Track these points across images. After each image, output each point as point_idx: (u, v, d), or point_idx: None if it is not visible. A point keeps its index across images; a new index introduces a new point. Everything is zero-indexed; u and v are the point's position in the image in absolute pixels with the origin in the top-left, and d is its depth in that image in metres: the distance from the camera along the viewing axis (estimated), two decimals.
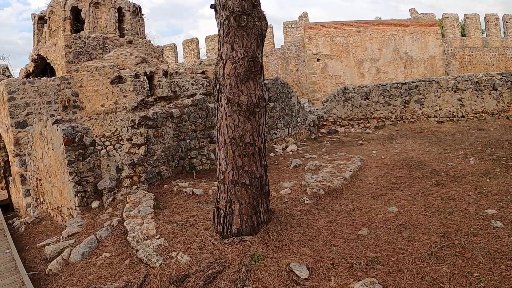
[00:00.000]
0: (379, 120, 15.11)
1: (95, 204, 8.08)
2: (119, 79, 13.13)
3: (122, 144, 13.00)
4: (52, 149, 8.49)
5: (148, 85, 13.77)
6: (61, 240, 7.02)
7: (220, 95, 4.90)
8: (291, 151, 12.10)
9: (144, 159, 8.34)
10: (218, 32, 4.92)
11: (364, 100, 15.22)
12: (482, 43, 24.19)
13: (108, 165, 11.31)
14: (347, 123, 15.27)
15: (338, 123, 15.24)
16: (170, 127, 9.04)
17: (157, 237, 5.56)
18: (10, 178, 13.04)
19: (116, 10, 14.75)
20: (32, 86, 12.40)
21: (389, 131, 14.19)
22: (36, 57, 14.81)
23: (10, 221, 11.53)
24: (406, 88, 15.06)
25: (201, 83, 15.68)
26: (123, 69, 13.40)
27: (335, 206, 6.09)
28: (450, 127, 14.50)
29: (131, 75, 13.08)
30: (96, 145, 8.93)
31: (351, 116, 15.26)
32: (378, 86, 15.19)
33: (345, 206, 6.08)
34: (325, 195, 6.65)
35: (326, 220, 5.39)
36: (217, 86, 4.93)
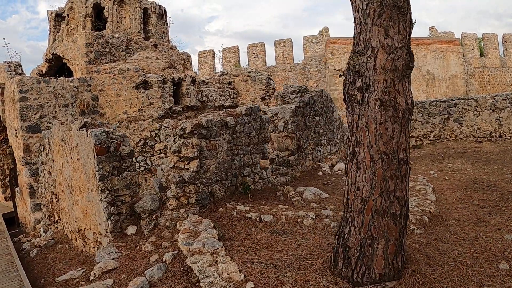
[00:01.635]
0: (417, 139, 13.59)
1: (131, 230, 6.17)
2: (145, 84, 11.26)
3: (146, 157, 11.02)
4: (77, 159, 6.52)
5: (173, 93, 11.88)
6: (92, 277, 5.10)
7: (366, 95, 3.45)
8: (339, 169, 10.40)
9: (196, 176, 6.43)
10: (361, 14, 3.53)
11: None
12: (500, 63, 23.03)
13: None
14: None
15: None
16: (224, 139, 7.19)
17: (251, 286, 3.68)
18: (17, 188, 10.90)
19: (142, 11, 12.94)
20: (47, 86, 10.43)
21: (430, 150, 12.72)
22: (50, 56, 12.84)
23: (16, 238, 9.41)
24: (445, 106, 13.61)
25: (228, 94, 13.89)
26: (149, 73, 11.51)
27: (448, 235, 5.08)
28: (491, 147, 13.36)
29: (158, 80, 11.22)
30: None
31: None
32: (417, 104, 13.70)
33: (457, 235, 5.11)
34: (429, 222, 5.56)
35: (454, 253, 4.40)
36: (360, 83, 3.50)
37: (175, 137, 6.86)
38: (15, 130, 10.58)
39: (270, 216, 5.79)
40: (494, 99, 13.61)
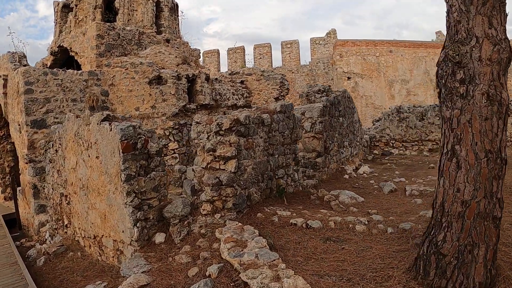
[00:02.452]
0: (434, 143, 12.88)
1: (159, 238, 5.28)
2: (158, 80, 10.31)
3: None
4: (96, 157, 5.57)
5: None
6: None
7: (471, 88, 3.10)
8: (363, 172, 9.64)
9: (234, 178, 5.55)
10: (461, 1, 3.17)
11: (420, 121, 12.99)
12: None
13: None
14: (401, 145, 12.95)
15: (391, 144, 12.90)
16: (261, 137, 6.34)
17: None
18: (18, 188, 9.81)
19: (154, 4, 11.97)
20: (55, 79, 9.42)
21: None
22: (56, 49, 11.80)
23: (18, 242, 8.37)
24: None
25: (241, 93, 13.01)
26: (162, 68, 10.56)
27: None
28: (509, 152, 12.39)
29: (173, 76, 10.28)
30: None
31: (405, 138, 12.99)
32: (434, 107, 13.06)
33: None
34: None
35: None
36: (461, 74, 3.17)
37: (209, 134, 5.96)
38: (19, 125, 9.53)
39: (317, 222, 5.05)
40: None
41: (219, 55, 22.94)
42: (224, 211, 5.51)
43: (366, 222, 5.05)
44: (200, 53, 13.24)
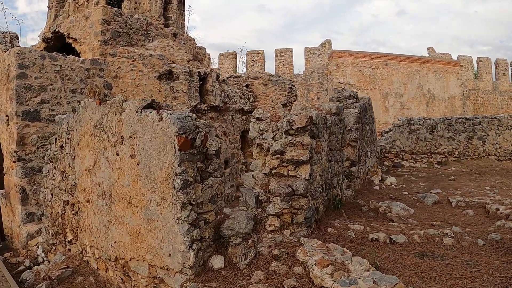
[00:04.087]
0: (442, 156, 12.25)
1: (217, 262, 3.85)
2: (169, 75, 8.78)
3: None
4: (131, 156, 4.02)
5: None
6: None
7: None
8: (391, 183, 8.67)
9: (308, 187, 4.19)
10: None
11: (429, 133, 12.30)
12: (492, 86, 22.68)
13: None
14: (410, 157, 12.15)
15: (401, 156, 12.00)
16: (326, 140, 5.01)
17: None
18: (1, 191, 7.80)
19: None
20: (53, 64, 7.64)
21: (460, 167, 11.40)
22: (50, 35, 9.90)
23: (1, 257, 6.51)
24: (470, 124, 12.46)
25: (247, 97, 11.67)
26: (173, 63, 9.01)
27: None
28: None
29: (185, 72, 8.78)
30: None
31: (415, 150, 12.21)
32: (444, 120, 12.46)
33: None
34: None
35: None
36: None
37: (275, 133, 4.59)
38: (6, 116, 7.60)
39: (402, 237, 4.44)
40: None
41: (210, 59, 21.37)
42: (294, 227, 4.26)
43: (453, 235, 4.61)
44: (205, 51, 11.76)
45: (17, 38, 8.43)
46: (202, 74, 9.34)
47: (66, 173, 5.41)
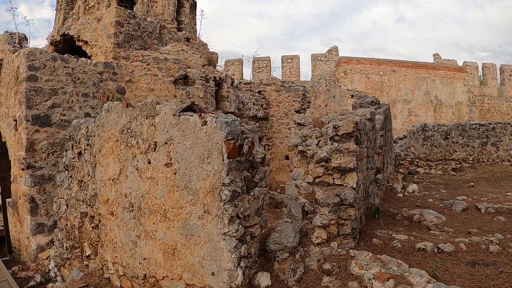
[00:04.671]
0: (457, 162, 11.96)
1: (264, 280, 3.53)
2: (184, 80, 8.37)
3: None
4: (166, 164, 3.56)
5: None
6: None
7: None
8: (413, 191, 8.38)
9: (356, 196, 3.83)
10: None
11: (444, 139, 11.99)
12: (498, 92, 22.45)
13: None
14: (425, 164, 11.78)
15: (416, 163, 11.62)
16: (367, 147, 4.63)
17: None
18: (8, 200, 7.26)
19: None
20: (65, 66, 7.19)
21: (475, 173, 11.08)
22: (59, 38, 9.46)
23: (9, 271, 5.99)
24: (483, 130, 12.18)
25: (260, 103, 11.28)
26: (188, 68, 8.59)
27: None
28: None
29: (201, 77, 8.38)
30: None
31: (430, 156, 11.86)
32: (458, 126, 12.17)
33: None
34: None
35: None
36: None
37: (319, 140, 4.18)
38: (15, 120, 7.11)
39: (449, 246, 4.26)
40: None
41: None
42: (340, 238, 3.93)
43: (498, 242, 4.46)
44: (218, 56, 11.37)
45: (26, 39, 7.96)
46: (217, 79, 8.93)
47: (84, 182, 4.92)
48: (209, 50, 11.04)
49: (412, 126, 12.54)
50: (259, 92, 11.77)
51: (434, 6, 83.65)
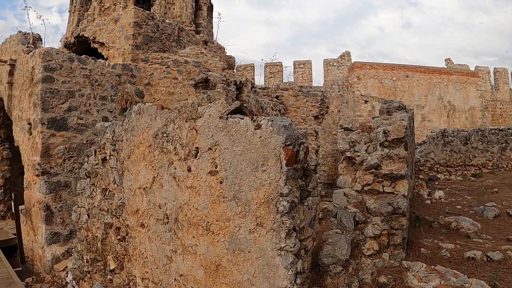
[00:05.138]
0: (476, 168, 11.71)
1: None
2: (205, 83, 8.02)
3: None
4: (210, 172, 3.18)
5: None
6: None
7: None
8: (440, 197, 8.22)
9: (407, 204, 3.56)
10: None
11: (463, 145, 11.72)
12: (510, 97, 22.07)
13: None
14: (445, 170, 11.47)
15: (436, 169, 11.29)
16: (410, 153, 4.30)
17: None
18: (21, 207, 6.87)
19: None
20: (82, 68, 6.87)
21: (495, 179, 10.86)
22: (73, 40, 9.15)
23: (23, 283, 5.56)
24: (502, 135, 11.86)
25: (278, 108, 10.94)
26: (209, 71, 8.25)
27: None
28: None
29: (222, 80, 8.03)
30: None
31: (450, 162, 11.56)
32: (477, 131, 11.92)
33: None
34: None
35: None
36: None
37: (368, 145, 3.85)
38: (29, 124, 6.77)
39: (498, 254, 4.08)
40: None
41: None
42: (391, 249, 3.71)
43: None
44: (235, 60, 11.05)
45: (40, 40, 7.65)
46: (238, 83, 8.59)
47: (109, 191, 4.54)
48: (227, 54, 10.72)
49: (432, 132, 12.21)
50: (277, 97, 11.43)
51: (440, 12, 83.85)
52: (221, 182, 3.20)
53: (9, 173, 8.91)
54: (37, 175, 6.39)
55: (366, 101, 17.47)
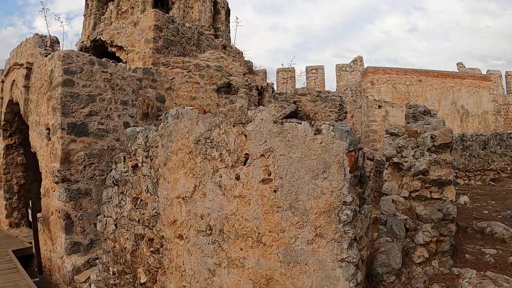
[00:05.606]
0: (495, 172, 11.59)
1: None
2: (227, 88, 7.91)
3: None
4: (263, 181, 3.02)
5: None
6: None
7: None
8: (465, 202, 8.36)
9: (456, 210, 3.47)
10: None
11: (482, 149, 11.59)
12: None
13: None
14: (464, 175, 11.37)
15: (455, 174, 11.13)
16: None
17: None
18: (38, 215, 6.69)
19: (212, 3, 9.62)
20: (103, 71, 6.75)
21: None
22: (89, 44, 9.02)
23: None
24: None
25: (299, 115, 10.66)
26: (230, 75, 8.13)
27: None
28: None
29: (245, 85, 7.92)
30: None
31: (469, 167, 11.44)
32: (496, 135, 11.89)
33: None
34: None
35: None
36: None
37: (415, 151, 3.77)
38: (47, 129, 6.63)
39: None
40: None
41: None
42: (439, 256, 3.73)
43: None
44: (253, 65, 10.92)
45: (58, 42, 7.52)
46: (259, 88, 8.46)
47: (141, 200, 4.36)
48: (245, 59, 10.60)
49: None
50: (294, 102, 11.26)
51: (446, 16, 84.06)
52: (275, 191, 3.03)
53: (24, 179, 8.75)
54: (57, 182, 6.23)
55: (380, 106, 17.32)
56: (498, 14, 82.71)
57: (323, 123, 2.85)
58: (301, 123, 2.92)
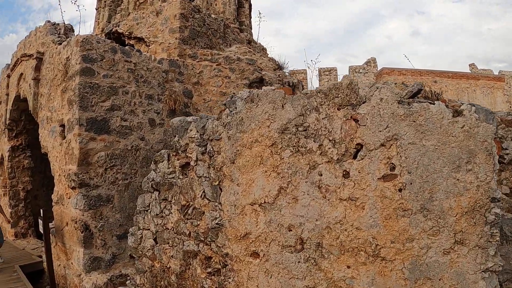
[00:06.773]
0: None
1: None
2: (260, 83, 7.43)
3: None
4: (383, 177, 2.40)
5: None
6: None
7: None
8: None
9: None
10: None
11: None
12: None
13: None
14: None
15: None
16: None
17: None
18: (50, 226, 6.00)
19: None
20: (126, 61, 6.20)
21: None
22: (104, 37, 8.44)
23: None
24: None
25: None
26: (262, 70, 7.66)
27: None
28: None
29: (278, 80, 7.56)
30: None
31: None
32: None
33: None
34: None
35: None
36: None
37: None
38: (61, 125, 6.01)
39: None
40: None
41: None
42: None
43: None
44: (277, 63, 10.48)
45: (73, 30, 6.96)
46: (290, 84, 7.98)
47: (195, 208, 3.74)
48: (269, 56, 10.16)
49: None
50: None
51: (448, 19, 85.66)
52: (400, 190, 2.48)
53: (31, 184, 8.00)
54: (73, 188, 5.57)
55: None
56: (500, 17, 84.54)
57: (463, 103, 2.34)
58: (434, 104, 2.39)
